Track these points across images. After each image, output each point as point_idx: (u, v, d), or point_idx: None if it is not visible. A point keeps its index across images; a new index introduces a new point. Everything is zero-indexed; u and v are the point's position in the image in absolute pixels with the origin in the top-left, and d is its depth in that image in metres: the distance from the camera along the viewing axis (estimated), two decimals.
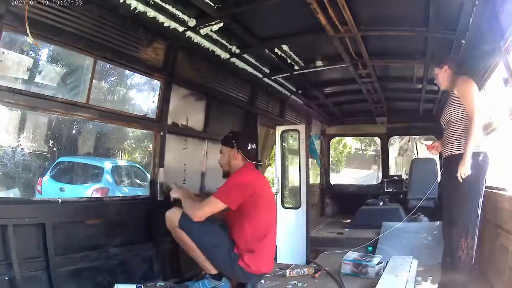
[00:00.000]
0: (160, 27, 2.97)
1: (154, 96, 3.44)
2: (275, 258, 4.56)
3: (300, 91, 5.56)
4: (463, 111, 2.65)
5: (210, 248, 2.58)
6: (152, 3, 2.77)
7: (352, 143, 18.69)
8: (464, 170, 2.51)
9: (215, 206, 2.56)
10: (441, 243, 2.86)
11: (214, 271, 2.67)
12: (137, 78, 11.78)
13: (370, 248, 4.52)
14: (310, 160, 5.97)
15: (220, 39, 3.50)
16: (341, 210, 7.53)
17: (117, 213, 2.93)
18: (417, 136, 9.72)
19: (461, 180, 2.53)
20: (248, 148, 2.79)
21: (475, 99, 2.60)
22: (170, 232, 2.73)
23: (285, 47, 3.86)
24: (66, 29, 2.46)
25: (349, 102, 6.36)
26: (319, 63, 4.28)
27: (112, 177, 8.49)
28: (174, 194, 2.79)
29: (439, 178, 5.24)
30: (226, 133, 2.94)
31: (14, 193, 8.11)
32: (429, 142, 3.06)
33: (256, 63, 4.28)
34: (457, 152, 2.63)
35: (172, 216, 2.64)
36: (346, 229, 5.51)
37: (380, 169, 8.47)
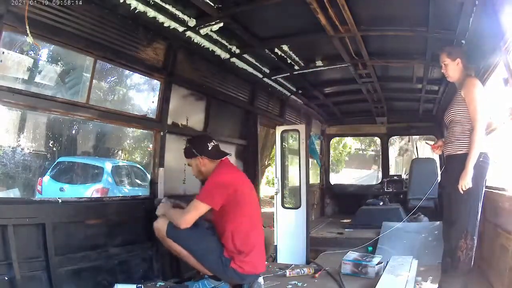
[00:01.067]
0: (160, 27, 2.97)
1: (154, 96, 3.44)
2: (275, 258, 4.59)
3: (300, 91, 5.56)
4: (466, 112, 2.61)
5: (200, 254, 2.56)
6: (152, 3, 2.76)
7: (352, 143, 18.70)
8: (465, 183, 2.48)
9: (199, 209, 2.52)
10: (441, 243, 2.86)
11: (210, 274, 2.66)
12: (137, 78, 11.79)
13: (370, 248, 4.52)
14: (310, 160, 5.97)
15: (220, 39, 3.50)
16: (341, 210, 7.55)
17: (117, 213, 2.93)
18: (417, 136, 9.73)
19: (462, 192, 2.50)
20: (209, 148, 2.71)
21: (479, 107, 2.55)
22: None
23: (285, 47, 3.86)
24: (66, 29, 2.45)
25: (349, 102, 6.36)
26: (319, 63, 4.28)
27: (112, 177, 8.49)
28: (158, 212, 2.71)
29: (439, 178, 5.25)
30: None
31: (14, 193, 8.10)
32: (432, 142, 3.03)
33: (256, 63, 4.28)
34: (458, 152, 2.62)
35: (160, 226, 2.60)
36: (346, 229, 5.52)
37: (380, 169, 8.48)
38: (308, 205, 4.72)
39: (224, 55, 3.73)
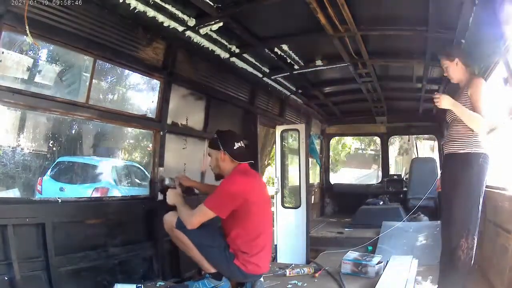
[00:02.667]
0: (159, 27, 2.97)
1: (153, 96, 3.44)
2: (275, 258, 4.59)
3: (300, 91, 5.55)
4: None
5: (206, 248, 2.58)
6: (152, 2, 2.76)
7: (351, 143, 18.66)
8: (442, 100, 2.56)
9: (205, 215, 2.54)
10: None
11: (213, 270, 2.67)
12: (137, 78, 11.77)
13: (370, 248, 4.52)
14: (310, 159, 5.97)
15: (219, 39, 3.50)
16: (341, 210, 7.54)
17: (117, 213, 2.93)
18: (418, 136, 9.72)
19: (436, 102, 2.57)
20: (235, 147, 2.68)
21: (485, 107, 2.56)
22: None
23: (285, 47, 3.86)
24: (66, 29, 2.45)
25: (349, 101, 6.36)
26: (319, 62, 4.27)
27: (112, 177, 8.49)
28: (170, 201, 2.73)
29: (439, 178, 5.25)
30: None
31: (14, 193, 8.09)
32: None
33: (256, 63, 4.28)
34: (459, 151, 2.62)
35: (170, 218, 2.66)
36: (346, 229, 5.52)
37: (380, 168, 8.48)
38: (308, 205, 4.72)
39: (224, 54, 3.73)
